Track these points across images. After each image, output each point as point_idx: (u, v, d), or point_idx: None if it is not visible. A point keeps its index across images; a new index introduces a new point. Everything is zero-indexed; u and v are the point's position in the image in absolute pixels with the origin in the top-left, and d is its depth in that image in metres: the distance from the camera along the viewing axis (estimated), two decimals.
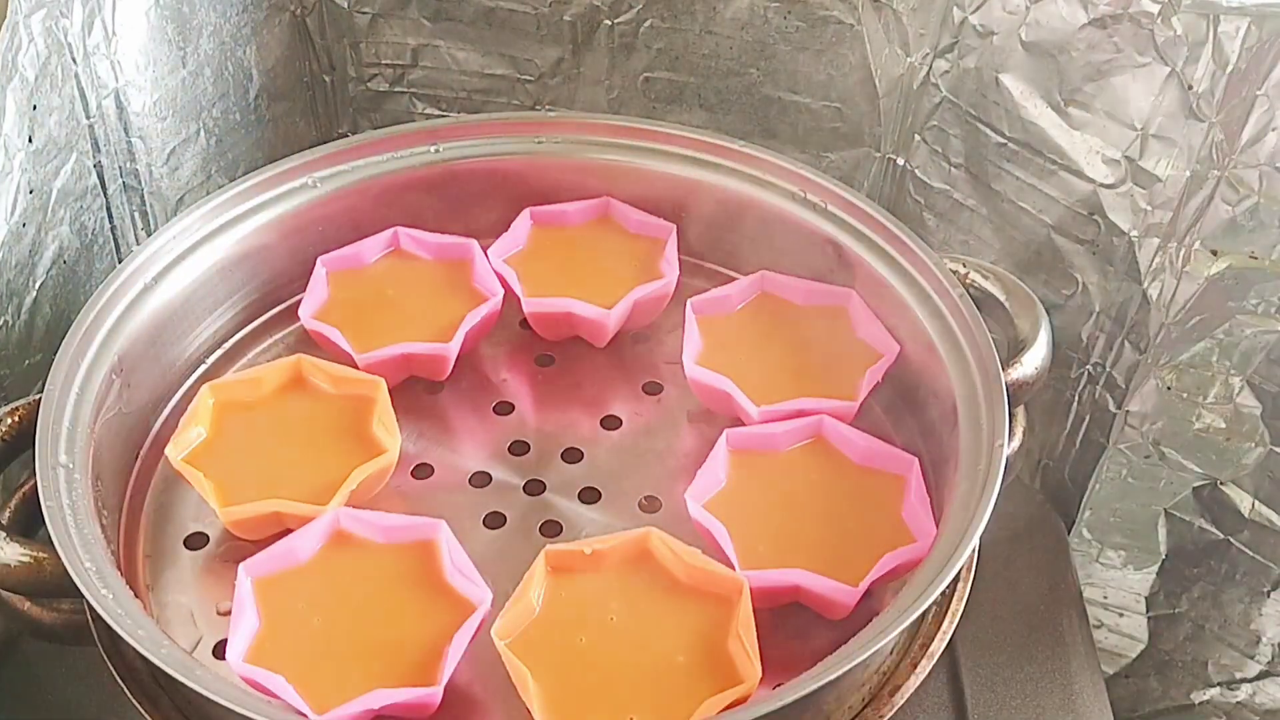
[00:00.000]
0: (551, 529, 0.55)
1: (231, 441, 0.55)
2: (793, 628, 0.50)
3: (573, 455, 0.58)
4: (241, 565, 0.48)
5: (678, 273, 0.62)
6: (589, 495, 0.56)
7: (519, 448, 0.59)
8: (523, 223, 0.65)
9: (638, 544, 0.50)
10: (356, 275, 0.63)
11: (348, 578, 0.49)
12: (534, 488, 0.57)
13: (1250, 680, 0.73)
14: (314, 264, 0.62)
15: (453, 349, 0.58)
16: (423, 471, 0.57)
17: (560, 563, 0.49)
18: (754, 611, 0.48)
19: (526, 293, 0.61)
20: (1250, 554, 0.69)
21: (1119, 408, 0.69)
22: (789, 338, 0.60)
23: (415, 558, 0.50)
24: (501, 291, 0.61)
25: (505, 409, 0.61)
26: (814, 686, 0.42)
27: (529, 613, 0.48)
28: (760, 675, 0.45)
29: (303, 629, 0.48)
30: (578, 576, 0.49)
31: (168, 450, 0.54)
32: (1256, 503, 0.67)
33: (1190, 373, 0.66)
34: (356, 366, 0.58)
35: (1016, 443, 0.56)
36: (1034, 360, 0.56)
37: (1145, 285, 0.64)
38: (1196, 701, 0.76)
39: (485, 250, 0.63)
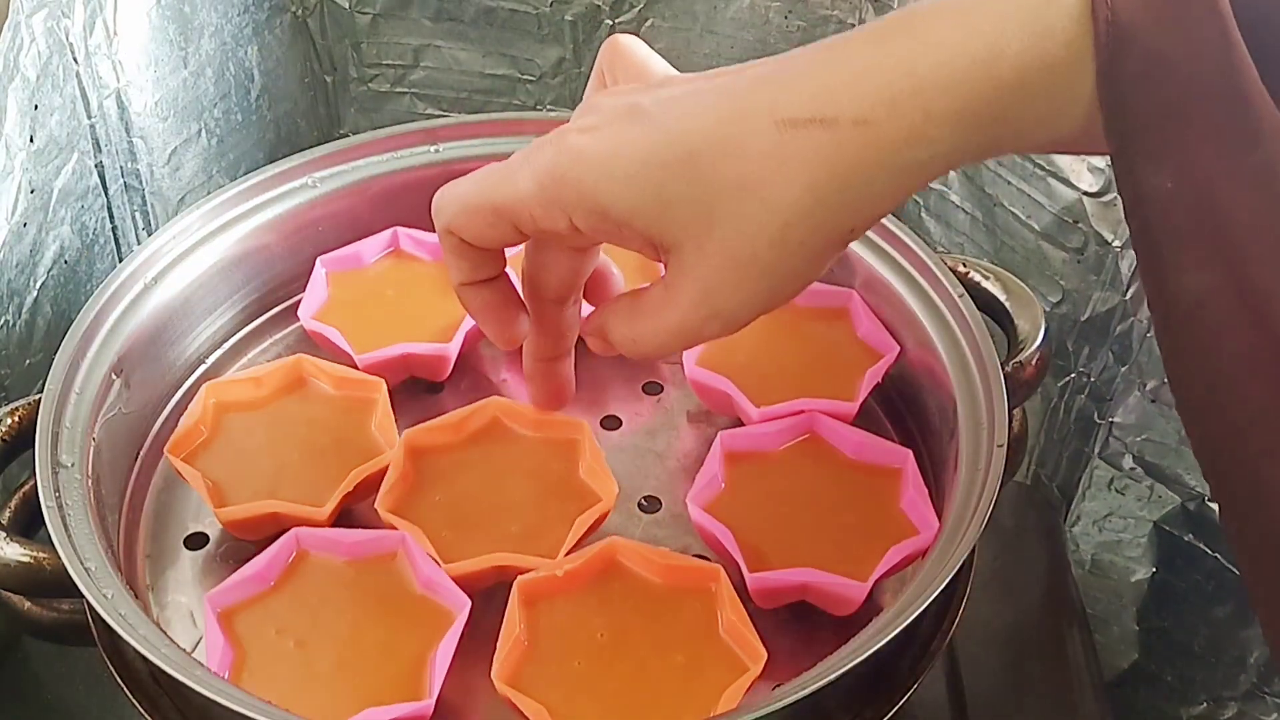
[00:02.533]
0: None
1: (231, 441, 0.55)
2: (792, 627, 0.50)
3: None
4: (206, 597, 0.48)
5: None
6: None
7: None
8: None
9: (605, 555, 0.49)
10: (356, 276, 0.63)
11: (316, 599, 0.48)
12: None
13: (1237, 699, 0.73)
14: (314, 264, 0.62)
15: (452, 350, 0.58)
16: None
17: (534, 591, 0.48)
18: (756, 611, 0.48)
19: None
20: (1236, 572, 0.68)
21: (1103, 418, 0.69)
22: (789, 338, 0.60)
23: (382, 572, 0.49)
24: None
25: None
26: (814, 687, 0.42)
27: (519, 649, 0.47)
28: (764, 655, 0.45)
29: (279, 656, 0.47)
30: (555, 601, 0.48)
31: (167, 450, 0.54)
32: None
33: None
34: (356, 367, 0.58)
35: (1016, 441, 0.56)
36: (1034, 359, 0.56)
37: (1127, 296, 0.64)
38: (1184, 718, 0.75)
39: None
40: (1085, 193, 0.63)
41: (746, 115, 0.35)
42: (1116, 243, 0.62)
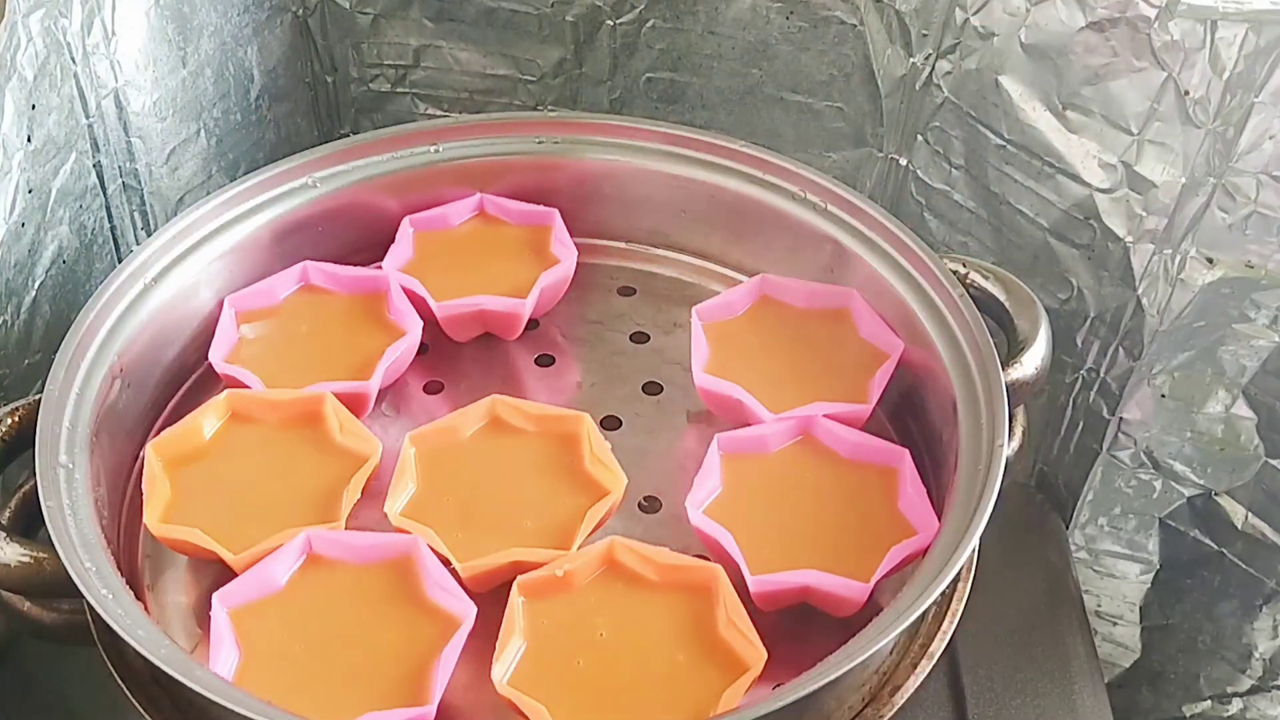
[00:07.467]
0: None
1: (195, 491, 0.53)
2: (792, 628, 0.50)
3: None
4: (215, 595, 0.47)
5: (575, 253, 0.63)
6: None
7: None
8: (405, 232, 0.64)
9: (605, 555, 0.49)
10: (267, 314, 0.61)
11: (325, 601, 0.48)
12: None
13: (1241, 695, 0.73)
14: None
15: (373, 387, 0.57)
16: None
17: (534, 590, 0.48)
18: (756, 611, 0.48)
19: (436, 298, 0.60)
20: (1243, 567, 0.68)
21: (1112, 414, 0.69)
22: (793, 341, 0.59)
23: (393, 576, 0.49)
24: (420, 323, 0.60)
25: None
26: (814, 686, 0.42)
27: (520, 649, 0.47)
28: (764, 655, 0.45)
29: (285, 657, 0.47)
30: (555, 600, 0.48)
31: (147, 524, 0.51)
32: (1249, 515, 0.67)
33: (1184, 381, 0.65)
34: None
35: (1016, 443, 0.56)
36: (1034, 360, 0.56)
37: (1139, 292, 0.64)
38: (1188, 714, 0.75)
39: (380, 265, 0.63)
40: (1096, 189, 0.63)
41: None
42: (1128, 238, 0.63)
